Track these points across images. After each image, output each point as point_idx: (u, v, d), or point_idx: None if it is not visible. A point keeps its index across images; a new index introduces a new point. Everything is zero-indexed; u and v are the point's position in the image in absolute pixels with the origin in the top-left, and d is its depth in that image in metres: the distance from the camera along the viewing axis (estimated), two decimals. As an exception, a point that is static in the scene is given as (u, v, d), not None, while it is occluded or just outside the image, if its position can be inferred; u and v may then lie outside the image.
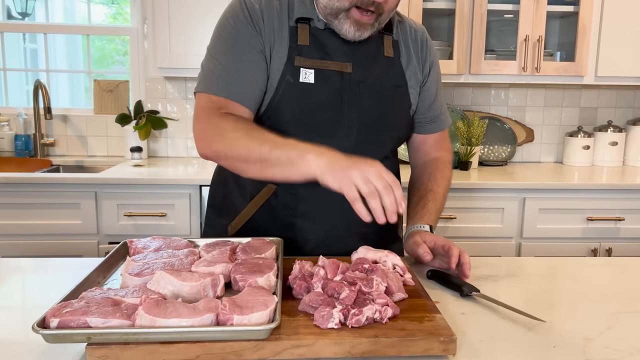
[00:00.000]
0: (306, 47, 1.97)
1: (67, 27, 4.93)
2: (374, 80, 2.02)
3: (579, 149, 4.59)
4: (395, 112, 2.08)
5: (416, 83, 2.13)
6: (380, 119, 2.04)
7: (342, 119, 1.98)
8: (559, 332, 1.46)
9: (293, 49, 1.96)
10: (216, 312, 1.28)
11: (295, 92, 1.95)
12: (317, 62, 1.97)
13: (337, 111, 1.98)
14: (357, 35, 1.91)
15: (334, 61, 1.98)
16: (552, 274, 1.96)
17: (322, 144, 1.81)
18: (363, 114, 2.00)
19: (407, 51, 2.13)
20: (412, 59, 2.13)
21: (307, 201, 2.04)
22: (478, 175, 4.15)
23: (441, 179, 2.21)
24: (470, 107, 4.76)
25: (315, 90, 1.96)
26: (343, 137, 1.99)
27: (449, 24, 4.51)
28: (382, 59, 2.05)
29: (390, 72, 2.07)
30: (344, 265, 1.61)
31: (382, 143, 2.08)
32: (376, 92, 2.02)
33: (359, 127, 2.00)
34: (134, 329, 1.23)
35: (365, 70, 2.01)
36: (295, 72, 1.95)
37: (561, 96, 4.80)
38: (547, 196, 3.85)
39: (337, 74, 1.98)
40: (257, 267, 1.56)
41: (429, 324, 1.37)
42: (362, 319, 1.35)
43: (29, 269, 1.96)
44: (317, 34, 1.98)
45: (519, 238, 3.90)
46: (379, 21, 1.93)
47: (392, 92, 2.06)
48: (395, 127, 2.12)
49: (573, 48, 4.20)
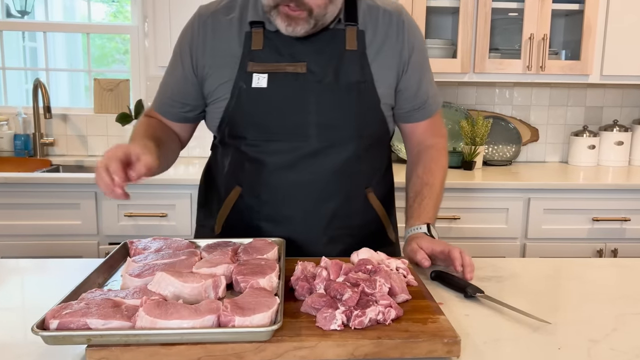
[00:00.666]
0: (259, 51, 1.98)
1: (67, 25, 4.94)
2: (333, 78, 1.97)
3: (584, 149, 4.59)
4: (359, 110, 2.01)
5: (390, 75, 2.06)
6: (342, 119, 1.99)
7: (300, 121, 1.97)
8: (564, 333, 1.46)
9: (246, 55, 1.98)
10: (218, 314, 1.28)
11: (248, 99, 1.97)
12: (269, 66, 1.97)
13: (294, 114, 1.97)
14: (290, 30, 1.88)
15: (288, 63, 1.97)
16: (557, 275, 1.96)
17: (282, 149, 1.95)
18: (323, 114, 1.97)
19: (376, 40, 2.04)
20: (384, 48, 2.05)
21: (269, 204, 2.05)
22: (482, 175, 4.15)
23: (436, 169, 2.17)
24: (474, 107, 4.75)
25: (268, 94, 1.96)
26: (302, 140, 1.98)
27: (452, 22, 4.51)
28: (343, 54, 2.00)
29: (353, 67, 2.00)
30: (347, 266, 1.61)
31: (347, 143, 2.02)
32: (336, 91, 1.97)
33: (319, 129, 1.98)
34: (134, 331, 1.23)
35: (323, 69, 1.98)
36: (248, 78, 1.97)
37: (566, 95, 4.79)
38: (552, 196, 3.85)
39: (292, 76, 1.96)
40: (259, 268, 1.56)
41: (433, 325, 1.37)
42: (365, 320, 1.35)
43: (29, 270, 1.96)
44: (271, 36, 1.98)
45: (524, 239, 3.90)
46: (315, 16, 1.87)
47: (355, 88, 1.99)
48: (362, 126, 2.03)
49: (578, 46, 4.19)
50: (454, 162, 4.37)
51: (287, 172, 1.99)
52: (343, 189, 2.05)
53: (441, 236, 2.05)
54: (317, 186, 2.01)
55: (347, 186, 2.06)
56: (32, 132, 4.61)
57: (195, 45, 2.04)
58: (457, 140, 4.62)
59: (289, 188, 2.01)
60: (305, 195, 2.02)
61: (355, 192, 2.09)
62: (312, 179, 2.00)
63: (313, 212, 2.00)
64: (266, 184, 2.03)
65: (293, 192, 2.01)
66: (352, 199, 2.08)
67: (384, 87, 2.04)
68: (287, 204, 2.01)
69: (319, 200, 2.03)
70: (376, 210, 2.17)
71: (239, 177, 2.08)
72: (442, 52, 4.22)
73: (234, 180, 2.10)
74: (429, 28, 4.37)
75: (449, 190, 3.63)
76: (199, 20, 2.06)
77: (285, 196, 1.99)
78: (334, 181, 2.02)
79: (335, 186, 2.03)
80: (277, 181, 2.01)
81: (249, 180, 2.06)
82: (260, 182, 2.03)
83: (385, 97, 2.05)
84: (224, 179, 2.15)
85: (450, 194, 3.68)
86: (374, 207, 2.16)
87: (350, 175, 2.04)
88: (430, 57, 4.07)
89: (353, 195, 2.08)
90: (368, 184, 2.12)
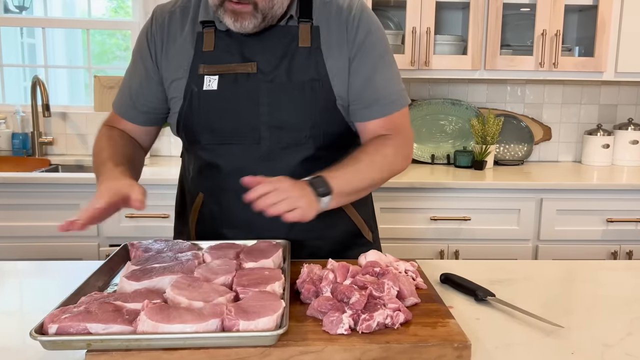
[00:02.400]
0: (210, 52, 1.99)
1: (66, 21, 4.95)
2: (285, 77, 1.96)
3: (598, 148, 4.58)
4: (313, 109, 1.97)
5: (343, 70, 2.01)
6: (295, 119, 1.97)
7: (251, 122, 1.96)
8: (577, 338, 1.46)
9: (198, 57, 1.99)
10: (221, 318, 1.28)
11: (200, 101, 1.97)
12: (221, 67, 1.97)
13: (246, 116, 1.96)
14: (238, 26, 1.88)
15: (238, 63, 1.97)
16: (571, 278, 1.96)
17: (235, 152, 1.96)
18: (275, 115, 1.96)
19: (330, 35, 2.01)
20: (339, 43, 2.01)
21: (230, 210, 2.05)
22: (493, 175, 4.14)
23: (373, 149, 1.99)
24: (485, 105, 4.74)
25: (219, 96, 1.96)
26: (255, 142, 1.97)
27: (463, 17, 4.51)
28: (296, 52, 1.98)
29: (306, 65, 1.98)
30: (354, 268, 1.61)
31: (302, 143, 1.99)
32: (288, 90, 1.96)
33: (272, 130, 1.96)
34: (135, 335, 1.23)
35: (275, 67, 1.97)
36: (199, 81, 1.97)
37: (580, 93, 4.78)
38: (565, 197, 3.84)
39: (243, 76, 1.96)
40: (262, 279, 1.54)
41: (443, 329, 1.37)
42: (373, 324, 1.35)
43: (27, 273, 1.97)
44: (223, 36, 1.99)
45: (536, 240, 3.89)
46: (261, 9, 1.86)
47: (309, 86, 1.97)
48: (317, 125, 1.98)
49: (592, 43, 4.18)
50: (464, 161, 4.37)
51: (243, 176, 1.88)
52: None
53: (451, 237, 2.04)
54: None
55: None
56: (30, 130, 4.61)
57: (154, 47, 2.06)
58: (467, 140, 4.61)
59: (245, 193, 1.93)
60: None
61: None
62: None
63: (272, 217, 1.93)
64: (224, 190, 2.04)
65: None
66: None
67: (340, 84, 2.00)
68: (246, 209, 1.88)
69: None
70: (344, 211, 2.14)
71: (201, 183, 2.10)
72: (452, 49, 4.22)
73: (197, 187, 2.13)
74: (438, 24, 4.36)
75: (459, 191, 3.65)
76: (156, 21, 2.08)
77: (243, 202, 1.95)
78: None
79: None
80: (233, 186, 1.92)
81: (209, 186, 2.08)
82: (219, 188, 2.05)
83: (342, 95, 2.01)
84: (191, 185, 2.17)
85: (460, 194, 3.69)
86: (342, 208, 2.11)
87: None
88: (440, 53, 4.11)
89: None
90: None
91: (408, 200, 2.20)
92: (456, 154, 4.43)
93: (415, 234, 3.66)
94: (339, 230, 2.16)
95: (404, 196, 3.58)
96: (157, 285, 1.52)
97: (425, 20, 4.02)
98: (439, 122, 4.63)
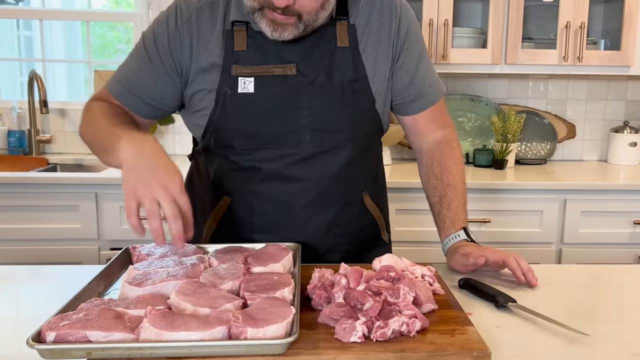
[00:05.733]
0: (244, 52, 1.96)
1: (65, 12, 4.97)
2: (325, 78, 1.97)
3: (625, 146, 4.56)
4: (353, 110, 2.01)
5: (384, 67, 2.06)
6: (336, 120, 1.99)
7: (291, 126, 1.97)
8: (603, 346, 1.46)
9: (229, 57, 1.96)
10: (228, 325, 1.28)
11: (235, 105, 1.95)
12: (256, 69, 1.95)
13: (285, 119, 1.96)
14: (276, 35, 1.85)
15: (275, 65, 1.95)
16: (596, 283, 1.96)
17: (273, 156, 1.95)
18: (315, 118, 1.97)
19: (369, 33, 2.04)
20: (377, 40, 2.04)
21: (262, 215, 2.05)
22: (514, 174, 4.14)
23: (453, 165, 2.16)
24: (506, 101, 4.74)
25: (256, 99, 1.95)
26: (295, 146, 1.98)
27: (482, 9, 4.50)
28: (334, 52, 1.99)
29: (346, 66, 2.00)
30: (368, 273, 1.61)
31: (343, 147, 2.02)
32: (329, 92, 1.97)
33: (312, 133, 1.97)
34: (138, 344, 1.23)
35: (314, 69, 1.97)
36: (233, 83, 1.95)
37: (605, 88, 4.77)
38: (590, 198, 3.83)
39: (280, 78, 1.95)
40: (270, 284, 1.54)
41: (461, 337, 1.37)
42: (388, 332, 1.35)
43: (23, 278, 1.97)
44: (256, 36, 1.95)
45: (560, 243, 3.89)
46: (305, 21, 1.84)
47: (349, 87, 1.99)
48: (358, 127, 2.03)
49: (618, 35, 4.17)
50: (484, 160, 4.36)
51: (280, 181, 1.99)
52: (339, 195, 2.06)
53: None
54: (313, 194, 2.02)
55: (344, 192, 2.07)
56: (27, 128, 4.63)
57: (179, 44, 1.99)
58: (487, 137, 4.61)
59: (282, 197, 2.01)
60: (300, 204, 2.02)
61: (352, 198, 2.10)
62: (307, 186, 2.01)
63: (309, 221, 2.00)
64: (258, 194, 2.04)
65: (287, 201, 2.02)
66: (349, 205, 2.10)
67: (379, 83, 2.05)
68: (281, 214, 2.00)
69: (314, 209, 2.03)
70: (372, 213, 2.18)
71: (227, 186, 2.08)
72: (471, 42, 4.22)
73: (221, 191, 2.10)
74: (457, 16, 4.34)
75: (479, 192, 3.64)
76: (181, 16, 2.00)
77: (278, 206, 1.99)
78: (330, 188, 2.03)
79: (331, 193, 2.04)
80: (270, 190, 2.01)
81: (239, 190, 2.06)
82: (252, 192, 2.04)
83: (380, 94, 2.06)
84: (210, 188, 2.14)
85: (480, 195, 3.68)
86: (370, 211, 2.17)
87: (346, 181, 2.06)
88: (459, 46, 4.11)
89: (349, 201, 2.10)
90: (364, 187, 2.13)
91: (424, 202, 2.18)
92: (475, 152, 4.43)
93: (432, 237, 3.65)
94: (366, 232, 2.20)
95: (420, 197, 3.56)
96: (161, 290, 1.51)
97: (443, 12, 4.02)
98: (458, 119, 4.63)
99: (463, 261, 1.93)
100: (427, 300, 1.53)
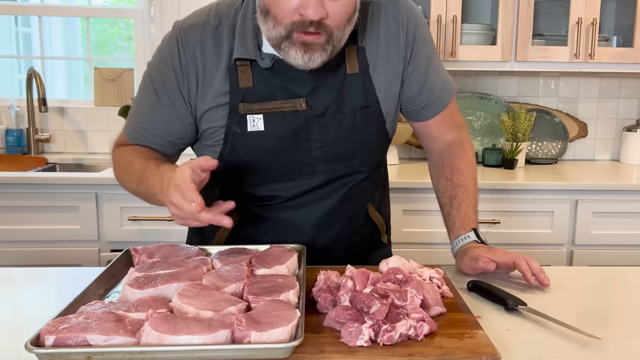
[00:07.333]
0: (250, 89, 1.93)
1: (65, 8, 4.96)
2: (335, 109, 1.96)
3: (638, 145, 4.55)
4: (365, 135, 2.03)
5: (395, 83, 2.06)
6: (348, 149, 2.01)
7: (304, 159, 1.98)
8: (615, 350, 1.46)
9: (235, 95, 1.93)
10: (232, 329, 1.28)
11: (245, 143, 1.95)
12: (265, 105, 1.93)
13: (296, 152, 1.97)
14: (307, 59, 1.78)
15: (284, 100, 1.93)
16: (608, 286, 1.96)
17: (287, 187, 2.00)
18: (327, 148, 1.98)
19: (378, 51, 2.01)
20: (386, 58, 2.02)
21: (269, 233, 2.07)
22: (525, 174, 4.13)
23: (464, 165, 2.17)
24: (516, 99, 4.73)
25: (267, 136, 1.94)
26: (308, 177, 2.00)
27: (492, 5, 4.49)
28: (344, 80, 1.98)
29: (357, 93, 1.99)
30: (375, 275, 1.61)
31: (355, 172, 2.05)
32: (340, 122, 1.97)
33: (325, 163, 1.99)
34: (139, 347, 1.24)
35: (325, 100, 1.96)
36: (242, 121, 1.93)
37: (618, 86, 4.76)
38: (602, 198, 3.82)
39: (290, 114, 1.94)
40: (275, 287, 1.54)
41: (470, 341, 1.37)
42: (395, 335, 1.35)
43: (22, 280, 1.98)
44: (260, 70, 1.92)
45: (571, 245, 3.88)
46: (332, 42, 1.79)
47: (360, 114, 2.00)
48: (369, 151, 2.07)
49: (631, 32, 4.16)
50: (494, 160, 4.36)
51: (292, 207, 2.03)
52: (347, 212, 2.09)
53: (480, 243, 2.05)
54: (321, 214, 2.05)
55: (351, 209, 2.10)
56: (25, 127, 4.63)
57: (186, 83, 1.97)
58: (497, 137, 4.61)
59: (291, 219, 2.05)
60: (308, 226, 2.06)
61: (358, 212, 2.14)
62: (318, 211, 2.05)
63: (316, 238, 2.04)
64: (268, 218, 2.07)
65: (296, 222, 2.06)
66: (355, 219, 2.13)
67: (390, 102, 2.06)
68: (289, 233, 2.03)
69: (321, 227, 2.07)
70: (375, 222, 2.21)
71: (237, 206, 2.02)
72: (480, 39, 4.21)
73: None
74: (466, 11, 4.33)
75: (488, 192, 3.63)
76: (185, 51, 1.96)
77: (286, 228, 2.03)
78: (339, 208, 2.06)
79: (339, 212, 2.07)
80: (280, 215, 2.05)
81: (248, 212, 2.08)
82: (261, 216, 2.07)
83: (390, 113, 2.07)
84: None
85: (489, 195, 3.67)
86: (374, 220, 2.20)
87: (354, 199, 2.09)
88: (467, 43, 4.11)
89: (355, 215, 2.13)
90: (369, 199, 2.16)
91: (433, 203, 2.18)
92: (485, 152, 4.42)
93: (440, 239, 3.64)
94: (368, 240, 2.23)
95: (428, 198, 3.57)
96: (163, 293, 1.52)
97: (452, 8, 4.02)
98: (467, 117, 4.63)
99: (472, 265, 1.93)
100: (435, 303, 1.53)
